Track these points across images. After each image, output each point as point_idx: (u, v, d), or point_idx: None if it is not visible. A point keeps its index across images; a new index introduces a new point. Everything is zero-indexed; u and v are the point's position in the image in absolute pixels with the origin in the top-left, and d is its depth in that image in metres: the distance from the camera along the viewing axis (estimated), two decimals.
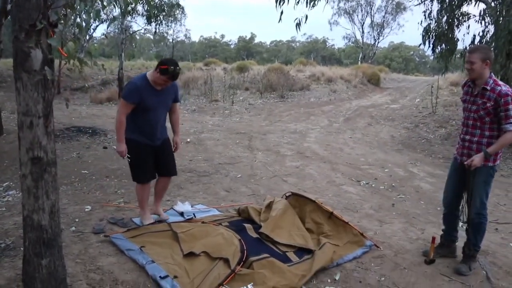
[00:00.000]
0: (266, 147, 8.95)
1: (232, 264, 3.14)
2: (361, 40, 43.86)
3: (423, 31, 11.25)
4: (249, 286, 2.96)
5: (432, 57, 12.77)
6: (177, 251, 3.44)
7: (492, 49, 8.96)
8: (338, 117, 14.10)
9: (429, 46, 11.32)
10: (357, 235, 3.85)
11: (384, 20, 42.65)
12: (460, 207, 3.67)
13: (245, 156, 7.98)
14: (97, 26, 22.46)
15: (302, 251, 3.58)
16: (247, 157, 7.90)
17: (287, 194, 4.49)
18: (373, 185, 6.31)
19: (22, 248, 2.54)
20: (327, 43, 67.06)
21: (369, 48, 43.48)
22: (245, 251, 3.34)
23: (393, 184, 6.41)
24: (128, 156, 3.91)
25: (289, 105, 16.57)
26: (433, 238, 3.63)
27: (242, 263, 3.18)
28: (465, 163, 3.40)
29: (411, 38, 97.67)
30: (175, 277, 3.02)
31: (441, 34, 10.97)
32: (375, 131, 11.95)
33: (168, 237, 3.68)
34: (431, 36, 11.16)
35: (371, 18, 42.70)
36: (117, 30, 24.38)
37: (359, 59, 41.33)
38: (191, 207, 4.69)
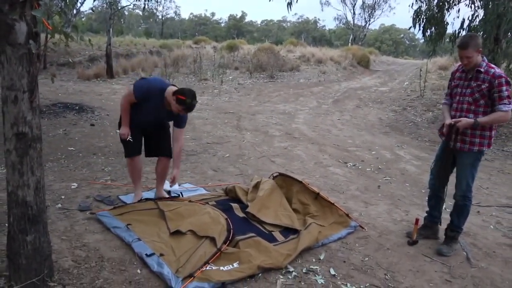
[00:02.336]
0: (254, 127, 8.95)
1: (218, 243, 3.16)
2: (352, 22, 43.64)
3: (413, 14, 11.20)
4: (234, 264, 2.98)
5: (422, 40, 12.78)
6: (163, 229, 3.45)
7: (479, 33, 9.01)
8: (327, 99, 14.10)
9: (419, 29, 11.28)
10: (342, 216, 3.89)
11: (375, 2, 42.40)
12: (445, 189, 3.73)
13: (233, 136, 7.97)
14: (84, 0, 21.93)
15: (288, 231, 3.61)
16: (236, 137, 7.89)
17: (274, 175, 4.51)
18: (359, 167, 6.37)
19: (7, 224, 2.53)
20: (318, 24, 66.77)
21: (359, 30, 43.26)
22: (232, 230, 3.36)
23: (379, 166, 6.47)
24: (130, 138, 3.92)
25: (278, 85, 16.51)
26: (417, 220, 3.69)
27: (228, 242, 3.20)
28: (452, 120, 3.43)
29: (402, 20, 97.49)
30: (161, 254, 3.03)
31: (431, 17, 10.94)
32: (363, 113, 12.00)
33: (155, 216, 3.68)
34: (421, 19, 11.12)
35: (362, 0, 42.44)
36: (105, 5, 23.84)
37: (350, 41, 41.15)
38: (179, 185, 4.69)
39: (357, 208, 4.51)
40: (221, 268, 2.92)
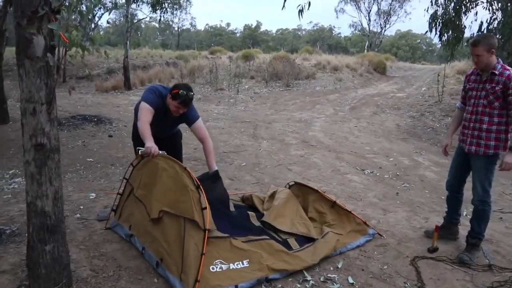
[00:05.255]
0: (271, 135, 8.95)
1: (200, 222, 2.85)
2: (367, 28, 43.52)
3: (429, 18, 11.12)
4: (245, 262, 2.94)
5: (439, 45, 12.66)
6: (145, 216, 3.27)
7: (498, 36, 8.87)
8: (343, 106, 14.03)
9: (435, 34, 11.21)
10: (360, 223, 3.84)
11: (391, 8, 42.27)
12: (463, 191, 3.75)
13: (249, 144, 7.98)
14: (102, 14, 22.41)
15: (303, 239, 3.56)
16: (252, 145, 7.90)
17: (290, 184, 4.49)
18: (377, 174, 6.30)
19: (26, 234, 2.57)
20: (333, 32, 66.79)
21: (375, 36, 43.08)
22: (200, 186, 3.04)
23: (397, 173, 6.39)
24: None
25: (294, 93, 16.51)
26: (437, 227, 3.62)
27: (205, 207, 2.90)
28: (501, 168, 3.38)
29: (418, 26, 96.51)
30: (161, 260, 2.95)
31: (448, 21, 10.84)
32: (381, 119, 11.89)
33: (134, 200, 3.51)
34: (437, 23, 11.03)
35: (377, 6, 42.33)
36: (122, 18, 24.31)
37: (366, 48, 41.00)
38: None
39: (375, 216, 4.45)
40: (231, 266, 2.87)
